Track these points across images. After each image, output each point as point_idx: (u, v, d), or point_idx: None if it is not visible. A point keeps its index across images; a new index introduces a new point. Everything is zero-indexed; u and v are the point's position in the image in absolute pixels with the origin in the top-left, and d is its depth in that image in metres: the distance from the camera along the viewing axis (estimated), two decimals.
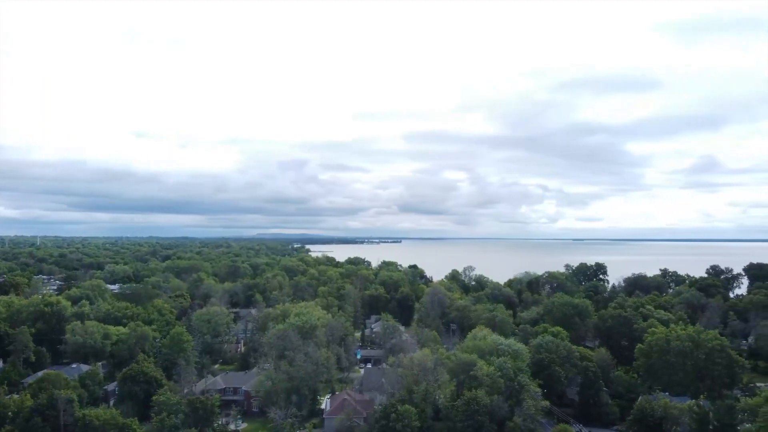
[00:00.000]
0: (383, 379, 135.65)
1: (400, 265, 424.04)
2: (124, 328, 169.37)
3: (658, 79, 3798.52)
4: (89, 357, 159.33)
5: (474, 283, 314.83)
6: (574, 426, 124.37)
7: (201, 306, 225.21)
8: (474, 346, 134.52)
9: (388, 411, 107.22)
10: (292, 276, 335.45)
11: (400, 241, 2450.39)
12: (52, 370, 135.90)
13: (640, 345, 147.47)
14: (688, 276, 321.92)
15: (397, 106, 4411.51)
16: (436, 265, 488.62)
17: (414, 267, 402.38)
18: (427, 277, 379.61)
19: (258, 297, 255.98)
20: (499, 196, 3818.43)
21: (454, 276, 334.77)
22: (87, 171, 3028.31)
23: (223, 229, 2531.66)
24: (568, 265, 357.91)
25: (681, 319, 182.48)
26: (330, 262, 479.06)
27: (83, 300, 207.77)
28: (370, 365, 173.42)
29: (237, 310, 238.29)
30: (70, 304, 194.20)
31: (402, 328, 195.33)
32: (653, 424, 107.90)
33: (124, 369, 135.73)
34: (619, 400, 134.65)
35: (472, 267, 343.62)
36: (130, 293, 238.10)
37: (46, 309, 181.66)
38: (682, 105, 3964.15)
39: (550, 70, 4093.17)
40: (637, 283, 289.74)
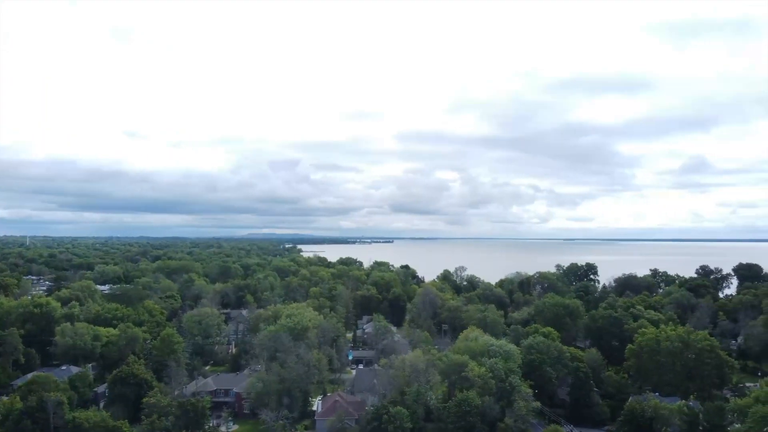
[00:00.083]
0: (375, 381, 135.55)
1: (392, 266, 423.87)
2: (114, 329, 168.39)
3: (649, 80, 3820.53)
4: (79, 359, 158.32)
5: (465, 284, 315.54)
6: (564, 426, 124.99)
7: (192, 307, 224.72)
8: (465, 347, 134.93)
9: (380, 412, 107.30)
10: (284, 277, 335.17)
11: (392, 241, 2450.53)
12: (42, 372, 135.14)
13: (630, 345, 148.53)
14: (678, 276, 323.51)
15: (390, 106, 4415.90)
16: (428, 265, 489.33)
17: (406, 267, 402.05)
18: (419, 277, 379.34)
19: (249, 298, 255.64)
20: (491, 196, 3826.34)
21: (446, 276, 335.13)
22: (77, 170, 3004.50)
23: (215, 229, 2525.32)
24: (559, 266, 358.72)
25: (671, 320, 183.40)
26: (322, 262, 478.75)
27: (73, 301, 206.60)
28: (362, 366, 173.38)
29: (228, 311, 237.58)
30: (59, 305, 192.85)
31: (394, 328, 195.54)
32: (643, 425, 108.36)
33: (115, 371, 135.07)
34: (609, 401, 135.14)
35: (463, 267, 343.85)
36: (120, 294, 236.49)
37: (36, 310, 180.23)
38: (673, 106, 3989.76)
39: (542, 70, 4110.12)
40: (627, 284, 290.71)
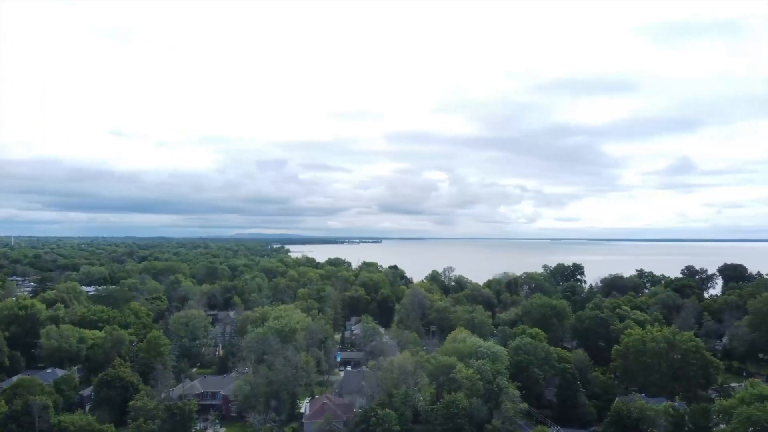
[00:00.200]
0: (363, 383, 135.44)
1: (381, 266, 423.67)
2: (100, 331, 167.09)
3: (635, 82, 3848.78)
4: (64, 361, 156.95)
5: (454, 284, 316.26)
6: (551, 427, 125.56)
7: (178, 309, 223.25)
8: (453, 348, 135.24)
9: (368, 415, 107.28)
10: (272, 277, 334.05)
11: (381, 241, 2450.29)
12: (27, 375, 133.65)
13: (616, 346, 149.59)
14: (663, 276, 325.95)
15: (378, 106, 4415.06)
16: (417, 266, 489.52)
17: (394, 268, 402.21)
18: (408, 278, 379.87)
19: (236, 299, 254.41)
20: (479, 197, 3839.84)
21: (434, 277, 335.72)
22: (62, 170, 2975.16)
23: (201, 229, 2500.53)
24: (546, 266, 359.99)
25: (657, 320, 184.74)
26: (310, 263, 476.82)
27: (58, 303, 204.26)
28: (350, 368, 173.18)
29: (215, 313, 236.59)
30: (44, 307, 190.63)
31: (382, 329, 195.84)
32: (630, 426, 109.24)
33: (100, 374, 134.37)
34: (596, 401, 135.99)
35: (451, 268, 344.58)
36: (106, 296, 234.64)
37: (21, 312, 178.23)
38: (659, 107, 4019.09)
39: (529, 71, 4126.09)
40: (613, 284, 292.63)
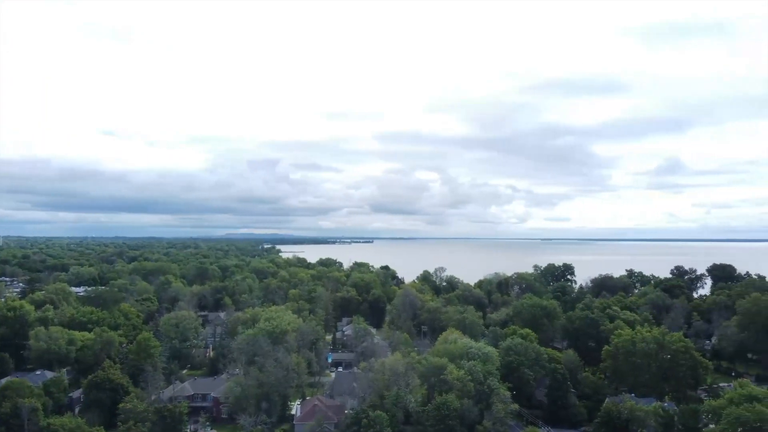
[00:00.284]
0: (355, 384, 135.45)
1: (372, 267, 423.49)
2: (90, 333, 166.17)
3: (625, 82, 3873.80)
4: (54, 363, 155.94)
5: (445, 284, 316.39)
6: (542, 428, 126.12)
7: (169, 310, 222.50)
8: (444, 349, 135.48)
9: (359, 417, 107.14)
10: (263, 278, 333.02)
11: (372, 242, 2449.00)
12: (16, 377, 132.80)
13: (606, 347, 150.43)
14: (653, 276, 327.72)
15: (369, 106, 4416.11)
16: (408, 266, 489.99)
17: (386, 268, 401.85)
18: (399, 278, 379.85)
19: (227, 300, 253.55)
20: (470, 197, 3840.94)
21: (426, 277, 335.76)
22: (52, 169, 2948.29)
23: (192, 229, 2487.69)
24: (536, 266, 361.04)
25: (646, 320, 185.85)
26: (301, 263, 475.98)
27: (47, 304, 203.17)
28: (341, 369, 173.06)
29: (205, 314, 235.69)
30: (33, 308, 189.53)
31: (373, 330, 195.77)
32: (620, 426, 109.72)
33: (90, 376, 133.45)
34: (586, 401, 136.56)
35: (443, 268, 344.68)
36: (96, 297, 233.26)
37: (9, 314, 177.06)
38: (648, 108, 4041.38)
39: (521, 72, 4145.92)
40: (603, 284, 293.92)
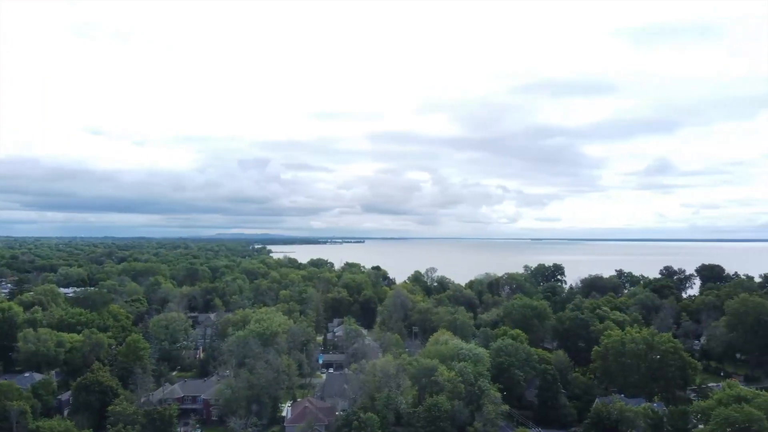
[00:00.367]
0: (345, 386, 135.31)
1: (364, 267, 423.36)
2: (79, 335, 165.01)
3: (613, 83, 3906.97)
4: (42, 365, 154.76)
5: (436, 285, 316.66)
6: (532, 429, 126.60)
7: (158, 311, 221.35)
8: (435, 351, 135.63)
9: (350, 418, 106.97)
10: (253, 279, 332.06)
11: (364, 242, 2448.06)
12: (4, 380, 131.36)
13: (596, 347, 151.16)
14: (642, 277, 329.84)
15: (360, 107, 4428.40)
16: (399, 266, 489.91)
17: (377, 269, 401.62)
18: (390, 278, 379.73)
19: (217, 301, 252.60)
20: (461, 197, 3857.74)
21: (417, 278, 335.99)
22: (40, 169, 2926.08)
23: (181, 229, 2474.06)
24: (527, 266, 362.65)
25: (636, 321, 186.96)
26: (292, 264, 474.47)
27: (36, 306, 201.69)
28: (332, 370, 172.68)
29: (195, 315, 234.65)
30: (22, 310, 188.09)
31: (365, 331, 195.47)
32: (609, 427, 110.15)
33: (79, 378, 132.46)
34: (576, 402, 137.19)
35: (434, 268, 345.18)
36: (84, 298, 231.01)
37: None
38: (637, 109, 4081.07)
39: (511, 73, 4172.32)
40: (593, 284, 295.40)
